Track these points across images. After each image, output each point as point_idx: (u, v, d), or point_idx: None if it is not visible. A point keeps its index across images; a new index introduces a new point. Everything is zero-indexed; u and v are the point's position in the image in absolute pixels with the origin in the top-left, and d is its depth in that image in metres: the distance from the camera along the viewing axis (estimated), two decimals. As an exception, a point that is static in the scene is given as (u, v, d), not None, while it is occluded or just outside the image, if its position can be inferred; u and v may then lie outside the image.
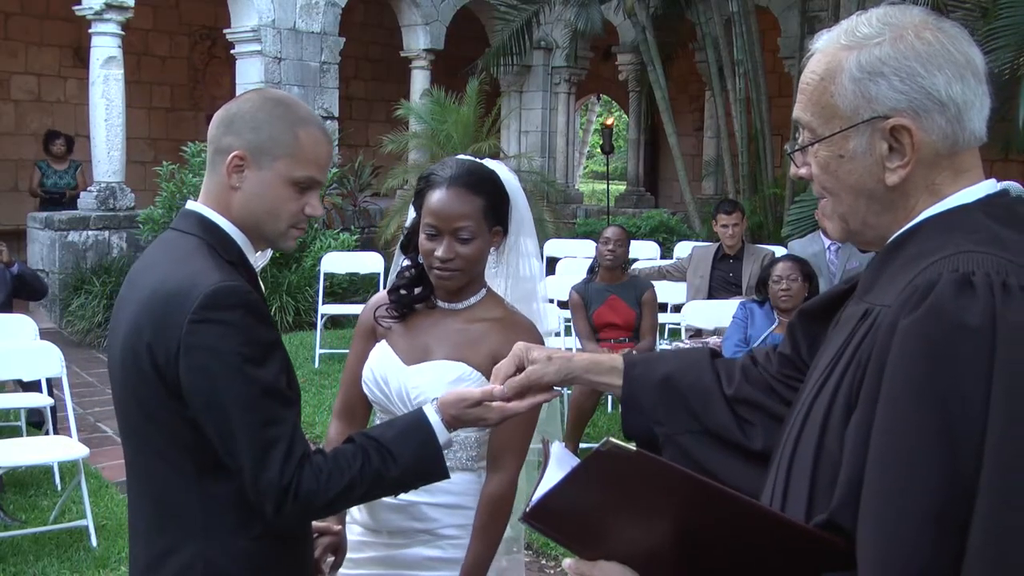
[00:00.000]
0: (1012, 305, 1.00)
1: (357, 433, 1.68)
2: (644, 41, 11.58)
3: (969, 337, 0.99)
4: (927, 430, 1.00)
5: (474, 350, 2.04)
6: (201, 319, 1.51)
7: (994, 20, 7.47)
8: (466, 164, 2.05)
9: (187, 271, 1.57)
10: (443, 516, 2.05)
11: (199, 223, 1.66)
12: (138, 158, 11.83)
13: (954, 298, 1.02)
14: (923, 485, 1.00)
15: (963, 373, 0.99)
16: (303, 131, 1.66)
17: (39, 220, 9.67)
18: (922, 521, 0.99)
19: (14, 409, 5.54)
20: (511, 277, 2.17)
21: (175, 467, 1.60)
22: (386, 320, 2.13)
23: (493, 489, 2.03)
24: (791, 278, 4.80)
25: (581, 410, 5.39)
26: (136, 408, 1.62)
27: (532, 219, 2.18)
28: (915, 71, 1.11)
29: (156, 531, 1.64)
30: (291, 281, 9.15)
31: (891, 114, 1.12)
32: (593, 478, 1.12)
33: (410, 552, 2.06)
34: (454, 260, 2.00)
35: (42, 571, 4.05)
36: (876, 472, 1.04)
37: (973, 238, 1.07)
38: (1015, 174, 8.25)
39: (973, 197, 1.13)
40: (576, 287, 5.73)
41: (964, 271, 1.03)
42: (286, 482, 1.53)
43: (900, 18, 1.14)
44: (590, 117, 31.99)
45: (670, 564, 1.17)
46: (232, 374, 1.51)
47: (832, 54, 1.16)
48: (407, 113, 11.84)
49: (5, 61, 13.02)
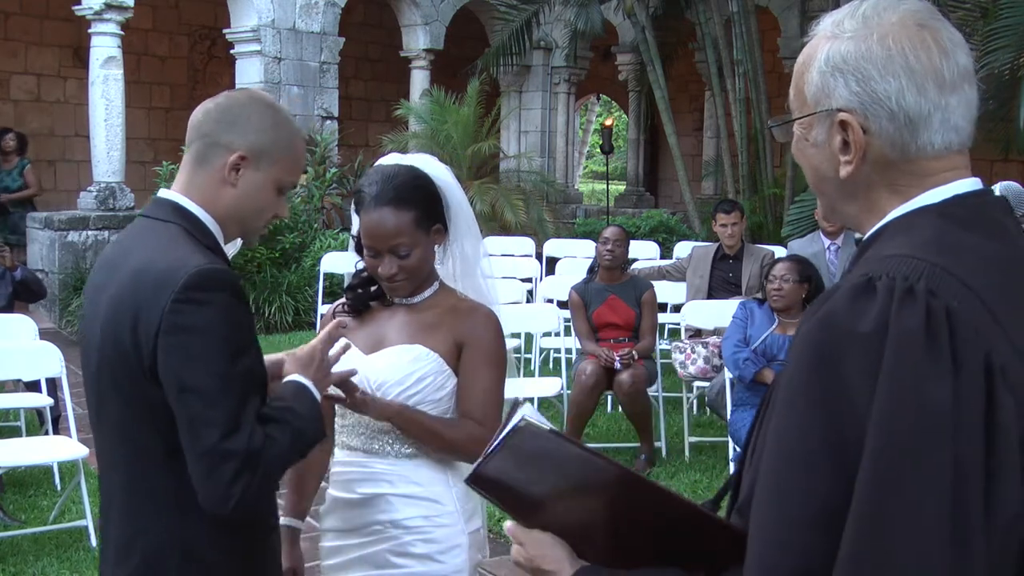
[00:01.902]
0: (908, 310, 0.98)
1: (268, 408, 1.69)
2: (644, 41, 11.58)
3: (856, 343, 0.98)
4: (812, 435, 0.99)
5: (430, 335, 2.09)
6: (185, 299, 1.54)
7: (994, 20, 7.47)
8: (390, 178, 2.06)
9: (173, 254, 1.61)
10: (408, 507, 2.07)
11: (175, 211, 1.70)
12: (138, 158, 11.82)
13: (849, 304, 1.01)
14: (803, 488, 1.00)
15: (849, 379, 0.98)
16: (296, 139, 1.78)
17: (39, 220, 9.67)
18: (798, 523, 1.00)
19: (14, 409, 5.55)
20: (458, 266, 2.21)
21: (149, 450, 1.63)
22: (344, 317, 2.19)
23: (475, 432, 2.03)
24: (784, 279, 4.81)
25: (581, 409, 5.39)
26: (111, 391, 1.65)
27: (468, 206, 2.20)
28: (869, 75, 1.11)
29: (129, 514, 1.67)
30: (291, 281, 9.16)
31: (843, 109, 1.13)
32: (517, 452, 1.16)
33: (381, 549, 2.08)
34: (398, 274, 2.06)
35: (42, 571, 4.05)
36: (765, 472, 1.06)
37: (912, 241, 1.06)
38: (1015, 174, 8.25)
39: (938, 198, 1.12)
40: (576, 287, 5.73)
41: (871, 276, 1.03)
42: (254, 447, 1.55)
43: (880, 16, 1.14)
44: (590, 117, 31.99)
45: (600, 541, 1.21)
46: (211, 355, 1.54)
47: (817, 40, 1.18)
48: (407, 113, 11.85)
49: (5, 61, 13.01)
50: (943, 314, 0.97)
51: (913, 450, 0.94)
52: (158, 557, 1.64)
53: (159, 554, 1.64)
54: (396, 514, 2.07)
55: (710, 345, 5.61)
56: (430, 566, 2.06)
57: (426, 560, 2.06)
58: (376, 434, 2.09)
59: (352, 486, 2.11)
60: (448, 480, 2.11)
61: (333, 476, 2.18)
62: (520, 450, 1.16)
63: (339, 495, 2.14)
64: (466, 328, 2.09)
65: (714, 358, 5.54)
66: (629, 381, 5.24)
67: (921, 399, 0.94)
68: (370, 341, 2.14)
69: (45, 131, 13.55)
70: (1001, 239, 1.09)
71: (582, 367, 5.37)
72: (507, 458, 1.17)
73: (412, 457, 2.08)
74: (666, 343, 6.74)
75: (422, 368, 2.06)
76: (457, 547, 2.09)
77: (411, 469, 2.08)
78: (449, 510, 2.09)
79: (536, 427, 1.14)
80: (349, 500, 2.11)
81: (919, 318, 0.97)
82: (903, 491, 0.94)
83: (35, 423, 5.63)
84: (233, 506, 1.55)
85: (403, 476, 2.08)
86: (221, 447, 1.53)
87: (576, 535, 1.21)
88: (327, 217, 10.73)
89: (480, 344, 2.08)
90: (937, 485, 0.93)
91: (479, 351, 2.08)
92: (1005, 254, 1.08)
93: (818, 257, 5.98)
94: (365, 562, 2.10)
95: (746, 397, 4.85)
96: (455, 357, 2.08)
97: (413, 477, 2.08)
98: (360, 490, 2.09)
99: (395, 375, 2.05)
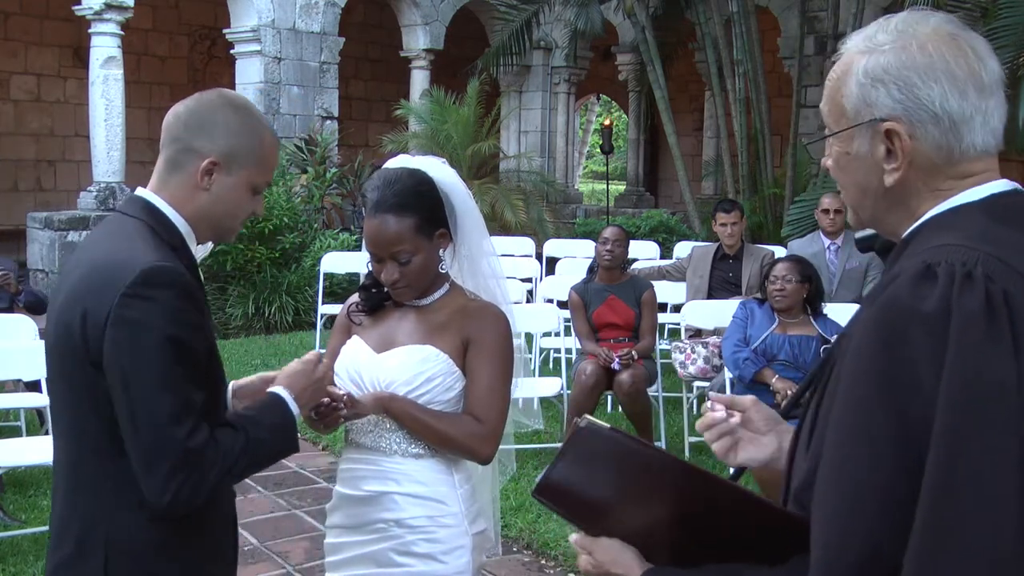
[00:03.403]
0: (969, 293, 1.01)
1: (231, 415, 1.74)
2: (644, 41, 11.58)
3: (921, 323, 1.01)
4: (880, 415, 1.02)
5: (440, 335, 2.10)
6: (133, 294, 1.57)
7: (994, 20, 7.47)
8: (391, 183, 2.06)
9: (127, 249, 1.64)
10: (413, 507, 2.08)
11: (144, 208, 1.74)
12: (138, 158, 11.82)
13: (912, 287, 1.04)
14: (871, 468, 1.02)
15: (915, 359, 1.01)
16: (267, 138, 1.80)
17: (39, 220, 9.68)
18: (865, 503, 1.02)
19: (14, 409, 5.55)
20: (466, 268, 2.22)
21: (91, 439, 1.66)
22: (357, 316, 2.21)
23: (473, 428, 2.05)
24: (786, 279, 4.82)
25: (581, 409, 5.38)
26: (60, 379, 1.69)
27: (476, 208, 2.21)
28: (912, 82, 1.15)
29: (68, 502, 1.72)
30: (291, 281, 9.16)
31: (888, 119, 1.16)
32: (580, 456, 1.18)
33: (384, 548, 2.09)
34: (400, 280, 2.07)
35: (42, 571, 4.05)
36: (829, 455, 1.07)
37: (961, 234, 1.10)
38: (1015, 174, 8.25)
39: (977, 196, 1.16)
40: (575, 287, 5.72)
41: (931, 262, 1.06)
42: (193, 445, 1.57)
43: (915, 27, 1.17)
44: (590, 117, 32.01)
45: (666, 543, 1.21)
46: (153, 350, 1.57)
47: (850, 56, 1.21)
48: (407, 113, 11.85)
49: (5, 61, 13.02)
50: (1002, 297, 1.01)
51: (981, 428, 0.97)
52: (89, 547, 1.67)
53: (90, 544, 1.67)
54: (401, 513, 2.08)
55: (710, 345, 5.61)
56: (432, 566, 2.06)
57: (428, 560, 2.06)
58: (384, 432, 2.10)
59: (359, 483, 2.12)
60: (454, 481, 2.12)
61: (341, 473, 2.19)
62: (583, 453, 1.18)
63: (346, 491, 2.15)
64: (474, 327, 2.10)
65: (714, 358, 5.54)
66: (629, 381, 5.24)
67: (987, 379, 0.98)
68: (381, 340, 2.15)
69: (45, 131, 13.56)
70: None
71: (582, 367, 5.37)
72: (571, 463, 1.18)
73: (419, 457, 2.09)
74: (666, 343, 6.74)
75: (431, 369, 2.07)
76: (460, 548, 2.09)
77: (417, 469, 2.09)
78: (453, 511, 2.09)
79: (597, 426, 1.16)
80: (355, 497, 2.12)
81: (979, 301, 1.01)
82: (973, 468, 0.97)
83: (35, 423, 5.63)
84: (169, 501, 1.57)
85: (409, 475, 2.08)
86: (159, 442, 1.56)
87: (641, 538, 1.22)
88: (327, 217, 10.73)
89: (486, 342, 2.09)
90: (1005, 461, 0.96)
91: (484, 349, 2.09)
92: None
93: (818, 257, 5.99)
94: (368, 559, 2.10)
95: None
96: (463, 356, 2.09)
97: (419, 477, 2.08)
98: (367, 487, 2.10)
99: (404, 375, 2.06)
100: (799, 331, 4.82)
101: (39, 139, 13.52)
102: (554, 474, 1.19)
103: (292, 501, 4.78)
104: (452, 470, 2.12)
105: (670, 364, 6.08)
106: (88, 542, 1.66)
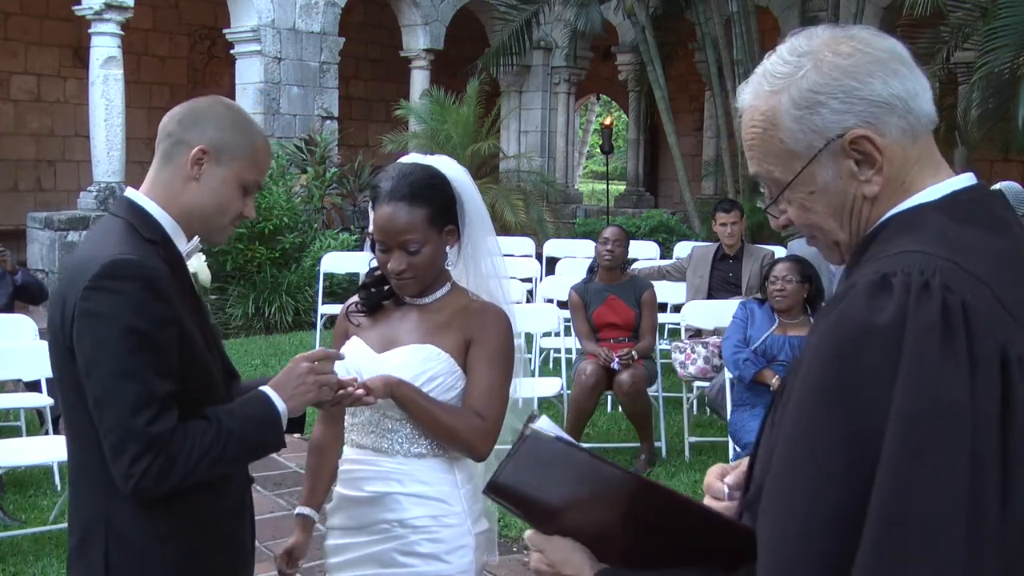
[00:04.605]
0: (926, 304, 0.98)
1: (209, 409, 1.74)
2: (644, 41, 11.59)
3: (875, 336, 0.98)
4: (830, 431, 0.99)
5: (441, 335, 2.10)
6: (96, 287, 1.62)
7: (994, 20, 7.47)
8: (406, 175, 2.07)
9: (102, 246, 1.69)
10: (416, 507, 2.07)
11: (128, 207, 1.80)
12: (138, 158, 11.80)
13: (867, 299, 1.01)
14: (818, 485, 0.99)
15: (867, 374, 0.97)
16: (259, 141, 1.85)
17: (39, 220, 9.68)
18: (812, 521, 0.99)
19: (14, 409, 5.55)
20: (471, 268, 2.22)
21: (83, 430, 1.69)
22: (357, 316, 2.21)
23: (475, 423, 2.05)
24: (787, 279, 4.82)
25: (581, 409, 5.39)
26: (57, 375, 1.74)
27: (485, 209, 2.22)
28: (849, 86, 1.11)
29: (75, 487, 1.77)
30: (291, 281, 9.16)
31: (844, 132, 1.12)
32: (528, 460, 1.18)
33: (387, 548, 2.09)
34: (407, 270, 2.06)
35: (42, 571, 4.05)
36: (777, 469, 1.05)
37: (920, 237, 1.06)
38: (1015, 174, 8.26)
39: (937, 195, 1.13)
40: (575, 287, 5.72)
41: (886, 272, 1.02)
42: (156, 432, 1.59)
43: (810, 44, 1.14)
44: (590, 117, 32.01)
45: (617, 544, 1.22)
46: (114, 342, 1.60)
47: (763, 104, 1.16)
48: (407, 113, 11.85)
49: (5, 61, 13.02)
50: (959, 308, 0.98)
51: (931, 449, 0.94)
52: (91, 537, 1.71)
53: (92, 534, 1.71)
54: (404, 513, 2.07)
55: (710, 345, 5.61)
56: (436, 566, 2.06)
57: (432, 560, 2.06)
58: (386, 432, 2.10)
59: (361, 484, 2.11)
60: (456, 481, 2.11)
61: (341, 474, 2.19)
62: (531, 458, 1.18)
63: (347, 493, 2.15)
64: (475, 326, 2.10)
65: (714, 358, 5.55)
66: (629, 381, 5.24)
67: (940, 397, 0.94)
68: (382, 340, 2.14)
69: (45, 131, 13.57)
70: (1005, 234, 1.10)
71: (582, 367, 5.37)
72: (519, 466, 1.19)
73: (421, 457, 2.09)
74: (666, 343, 6.73)
75: (433, 368, 2.06)
76: (463, 547, 2.09)
77: (420, 468, 2.09)
78: (456, 511, 2.09)
79: (542, 435, 1.16)
80: (357, 498, 2.12)
81: (936, 313, 0.97)
82: (922, 491, 0.93)
83: (35, 423, 5.63)
84: (133, 487, 1.60)
85: (412, 475, 2.08)
86: (120, 429, 1.59)
87: (593, 539, 1.22)
88: (327, 217, 10.73)
89: (487, 341, 2.09)
90: (955, 485, 0.93)
91: (485, 348, 2.09)
92: (1009, 248, 1.08)
93: (818, 257, 5.99)
94: (371, 560, 2.10)
95: (746, 397, 4.86)
96: (465, 355, 2.09)
97: (421, 476, 2.08)
98: (369, 488, 2.10)
99: (406, 374, 2.06)
100: (799, 331, 4.82)
101: (39, 139, 13.52)
102: (502, 477, 1.20)
103: (292, 501, 4.78)
104: (454, 469, 2.12)
105: (670, 364, 6.08)
106: (90, 532, 1.71)
